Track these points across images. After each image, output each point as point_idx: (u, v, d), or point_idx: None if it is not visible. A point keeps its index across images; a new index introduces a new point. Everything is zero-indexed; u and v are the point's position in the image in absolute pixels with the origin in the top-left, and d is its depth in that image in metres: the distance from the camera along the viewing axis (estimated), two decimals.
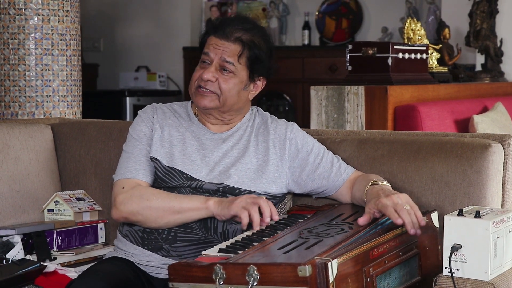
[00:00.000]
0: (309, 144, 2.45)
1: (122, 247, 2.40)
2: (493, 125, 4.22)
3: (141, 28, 7.70)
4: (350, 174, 2.40)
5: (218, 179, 2.36)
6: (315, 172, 2.41)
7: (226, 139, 2.43)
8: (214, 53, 2.37)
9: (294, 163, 2.42)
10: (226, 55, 2.36)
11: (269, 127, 2.47)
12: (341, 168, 2.41)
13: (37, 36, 3.69)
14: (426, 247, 2.12)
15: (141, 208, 2.30)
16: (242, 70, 2.38)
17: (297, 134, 2.46)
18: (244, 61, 2.38)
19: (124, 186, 2.35)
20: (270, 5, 7.58)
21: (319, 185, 2.41)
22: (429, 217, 2.17)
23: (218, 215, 2.23)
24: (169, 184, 2.37)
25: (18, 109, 3.71)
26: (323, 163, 2.42)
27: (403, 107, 3.89)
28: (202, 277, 1.86)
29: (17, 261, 2.36)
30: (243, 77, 2.39)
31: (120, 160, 2.43)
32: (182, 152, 2.40)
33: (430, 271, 2.11)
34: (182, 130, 2.44)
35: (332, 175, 2.40)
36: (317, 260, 1.76)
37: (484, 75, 5.44)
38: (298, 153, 2.43)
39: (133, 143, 2.42)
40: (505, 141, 2.38)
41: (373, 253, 1.91)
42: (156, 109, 2.47)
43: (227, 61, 2.36)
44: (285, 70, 7.18)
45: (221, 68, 2.37)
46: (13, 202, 2.73)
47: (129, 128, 2.47)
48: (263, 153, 2.42)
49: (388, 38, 7.11)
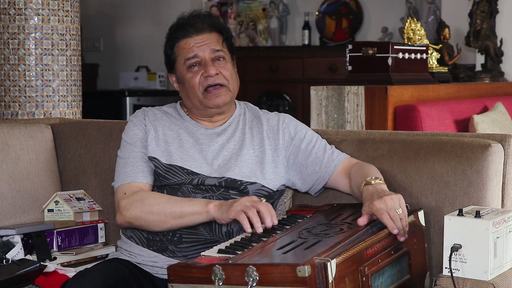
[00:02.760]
0: (302, 132, 2.46)
1: (127, 248, 2.40)
2: (493, 125, 4.22)
3: (141, 28, 7.70)
4: (343, 160, 2.40)
5: (219, 172, 2.36)
6: (308, 159, 2.42)
7: (221, 134, 2.44)
8: (202, 50, 2.40)
9: (288, 152, 2.44)
10: (213, 45, 2.41)
11: (262, 119, 2.49)
12: (333, 154, 2.42)
13: (37, 36, 3.69)
14: (414, 245, 2.12)
15: (143, 213, 2.30)
16: (227, 52, 2.45)
17: (289, 123, 2.48)
18: (225, 44, 2.44)
19: (125, 191, 2.35)
20: (270, 5, 7.58)
21: (312, 171, 2.41)
22: (416, 216, 2.16)
23: (218, 218, 2.23)
24: (171, 181, 2.37)
25: (18, 109, 3.71)
26: (315, 149, 2.42)
27: (403, 107, 3.88)
28: (202, 278, 1.86)
29: (17, 261, 2.36)
30: (230, 59, 2.46)
31: (116, 167, 2.43)
32: (180, 149, 2.40)
33: (418, 269, 2.11)
34: (175, 128, 2.45)
35: (324, 161, 2.40)
36: (316, 260, 1.76)
37: (484, 75, 5.44)
38: (292, 141, 2.44)
39: (128, 148, 2.43)
40: (505, 141, 2.38)
41: (367, 252, 1.91)
42: (147, 112, 2.49)
43: (217, 49, 2.41)
44: (285, 70, 7.18)
45: (215, 59, 2.40)
46: (13, 202, 2.73)
47: (122, 134, 2.48)
48: (259, 145, 2.43)
49: (388, 38, 7.11)
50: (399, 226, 2.04)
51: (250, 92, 7.20)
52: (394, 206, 2.06)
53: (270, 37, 7.61)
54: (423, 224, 2.19)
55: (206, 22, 2.42)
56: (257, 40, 7.63)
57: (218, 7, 7.67)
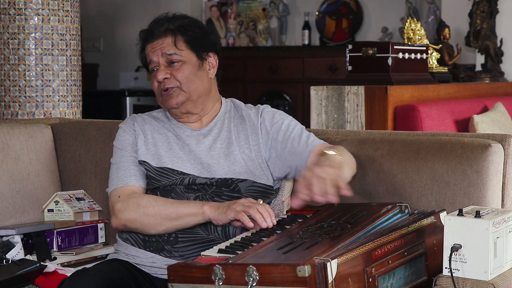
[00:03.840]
0: (278, 123, 2.46)
1: (123, 250, 2.40)
2: (493, 125, 4.22)
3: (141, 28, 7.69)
4: (317, 145, 2.38)
5: (209, 172, 2.37)
6: (285, 149, 2.41)
7: (207, 134, 2.46)
8: (155, 55, 2.43)
9: (268, 146, 2.44)
10: (165, 49, 2.42)
11: (244, 116, 2.49)
12: (309, 140, 2.41)
13: (37, 36, 3.69)
14: (434, 247, 2.10)
15: (139, 216, 2.31)
16: (188, 54, 2.43)
17: (266, 117, 2.48)
18: (184, 46, 2.43)
19: (119, 195, 2.37)
20: (270, 5, 7.57)
21: (291, 163, 2.40)
22: (438, 217, 2.16)
23: (215, 219, 2.24)
24: (162, 183, 2.38)
25: (18, 109, 3.71)
26: (290, 139, 2.42)
27: (403, 107, 3.88)
28: (202, 278, 1.86)
29: (17, 261, 2.36)
30: (192, 60, 2.44)
31: (110, 173, 2.46)
32: (169, 152, 2.42)
33: (438, 271, 2.10)
34: (164, 132, 2.47)
35: (299, 149, 2.39)
36: (316, 260, 1.76)
37: (484, 75, 5.44)
38: (269, 135, 2.45)
39: (119, 153, 2.46)
40: (505, 141, 2.37)
41: (376, 253, 1.91)
42: (136, 118, 2.52)
43: (168, 54, 2.42)
44: (285, 70, 7.17)
45: (170, 63, 2.41)
46: (13, 202, 2.73)
47: (113, 142, 2.51)
48: (245, 141, 2.44)
49: (388, 38, 7.11)
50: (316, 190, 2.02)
51: (250, 92, 7.20)
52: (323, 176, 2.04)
53: (270, 37, 7.61)
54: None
55: (163, 27, 2.46)
56: (257, 40, 7.63)
57: (218, 7, 7.67)
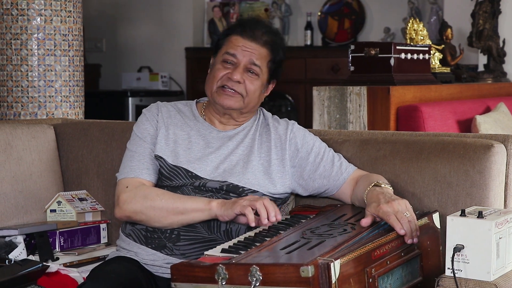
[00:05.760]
0: (309, 144, 2.44)
1: (125, 247, 2.40)
2: (495, 126, 4.21)
3: (143, 29, 7.70)
4: (351, 173, 2.40)
5: (222, 176, 2.36)
6: (315, 172, 2.41)
7: (232, 137, 2.44)
8: (242, 55, 2.38)
9: (294, 163, 2.42)
10: (255, 58, 2.39)
11: (270, 127, 2.47)
12: (342, 166, 2.41)
13: (40, 36, 3.69)
14: (428, 247, 2.12)
15: (145, 208, 2.30)
16: (265, 73, 2.42)
17: (297, 134, 2.46)
18: (268, 64, 2.42)
19: (128, 185, 2.36)
20: (273, 6, 7.58)
21: (320, 185, 2.41)
22: (431, 218, 2.17)
23: (221, 215, 2.24)
24: (173, 183, 2.37)
25: (21, 110, 3.71)
26: (323, 162, 2.41)
27: (405, 107, 3.88)
28: (205, 277, 1.86)
29: (20, 262, 2.36)
30: (264, 80, 2.43)
31: (123, 159, 2.43)
32: (187, 151, 2.40)
33: (431, 271, 2.11)
34: (187, 129, 2.44)
35: (333, 174, 2.40)
36: (320, 260, 1.76)
37: (487, 75, 5.43)
38: (298, 153, 2.43)
39: (137, 141, 2.43)
40: (507, 142, 2.37)
41: (375, 254, 1.91)
42: (161, 108, 2.48)
43: (255, 64, 2.39)
44: (288, 71, 7.11)
45: (247, 70, 2.38)
46: (15, 202, 2.73)
47: (134, 126, 2.48)
48: (266, 153, 2.42)
49: (390, 38, 7.10)
50: (407, 228, 2.05)
51: None
52: (401, 210, 2.08)
53: None
54: (438, 227, 2.19)
55: (264, 34, 2.41)
56: None
57: (220, 8, 7.67)
